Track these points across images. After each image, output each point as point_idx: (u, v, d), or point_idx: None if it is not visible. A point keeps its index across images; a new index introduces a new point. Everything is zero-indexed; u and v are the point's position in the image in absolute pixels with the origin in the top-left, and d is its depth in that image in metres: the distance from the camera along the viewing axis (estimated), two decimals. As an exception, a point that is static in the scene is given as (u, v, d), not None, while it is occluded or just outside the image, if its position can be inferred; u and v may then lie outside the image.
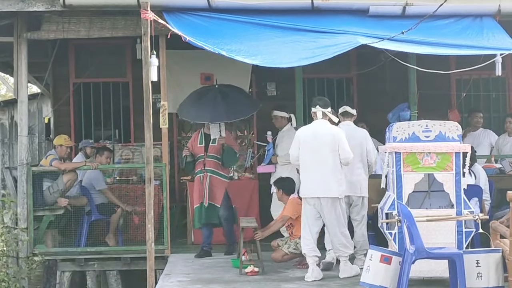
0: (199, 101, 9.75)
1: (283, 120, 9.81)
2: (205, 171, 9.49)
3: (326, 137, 7.93)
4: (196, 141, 9.67)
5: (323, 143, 7.90)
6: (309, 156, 7.94)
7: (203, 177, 9.50)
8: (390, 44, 8.53)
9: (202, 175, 9.51)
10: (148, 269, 7.58)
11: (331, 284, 7.74)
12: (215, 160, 9.54)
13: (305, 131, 8.12)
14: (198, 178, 9.56)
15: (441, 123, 7.46)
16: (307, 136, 8.02)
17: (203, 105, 9.66)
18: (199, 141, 9.63)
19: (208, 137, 9.59)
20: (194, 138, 9.73)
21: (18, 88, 9.59)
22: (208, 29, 8.79)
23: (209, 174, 9.49)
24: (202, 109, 9.64)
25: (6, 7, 9.07)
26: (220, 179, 9.55)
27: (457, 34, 9.01)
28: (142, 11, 7.58)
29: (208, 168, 9.50)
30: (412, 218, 6.75)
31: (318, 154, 7.90)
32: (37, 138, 14.61)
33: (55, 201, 9.88)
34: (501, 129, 11.10)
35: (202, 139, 9.62)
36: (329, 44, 8.57)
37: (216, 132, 9.55)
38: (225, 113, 9.59)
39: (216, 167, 9.53)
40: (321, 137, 7.94)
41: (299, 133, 8.16)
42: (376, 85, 11.79)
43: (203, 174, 9.50)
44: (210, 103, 9.62)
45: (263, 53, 8.41)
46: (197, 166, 9.60)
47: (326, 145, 7.90)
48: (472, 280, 6.90)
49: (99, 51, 11.80)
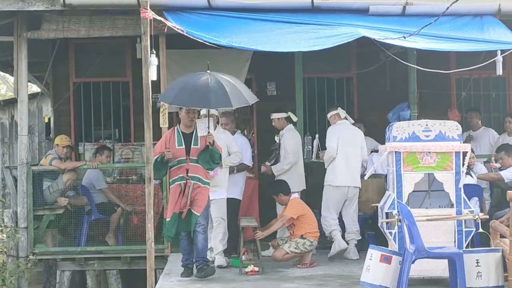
0: (193, 85, 7.94)
1: (282, 121, 9.71)
2: (188, 178, 8.03)
3: (358, 136, 9.45)
4: (172, 142, 8.12)
5: (356, 140, 9.34)
6: (346, 150, 9.21)
7: (184, 185, 8.02)
8: (391, 39, 8.54)
9: (183, 183, 8.02)
10: (148, 268, 7.58)
11: (331, 284, 7.74)
12: (198, 164, 8.08)
13: (341, 128, 9.32)
14: (178, 186, 8.03)
15: (441, 122, 7.46)
16: (345, 132, 9.29)
17: (199, 89, 7.89)
18: (177, 142, 8.10)
19: (188, 137, 8.13)
20: (169, 138, 8.16)
21: (18, 87, 9.59)
22: (208, 24, 8.79)
23: (193, 181, 8.01)
24: (199, 94, 7.86)
25: (6, 7, 9.07)
26: (205, 187, 8.11)
27: (458, 29, 9.00)
28: (142, 10, 7.58)
29: (192, 174, 8.03)
30: (412, 218, 6.75)
31: (352, 149, 9.26)
32: (37, 137, 14.61)
33: (55, 200, 9.88)
34: (501, 129, 11.10)
35: (181, 140, 8.10)
36: (330, 34, 8.63)
37: (204, 129, 8.07)
38: (226, 98, 7.82)
39: (201, 174, 8.07)
40: (356, 135, 9.40)
41: (335, 129, 9.32)
42: (376, 85, 11.78)
43: (185, 182, 8.02)
44: (205, 88, 7.85)
45: (264, 43, 8.48)
46: (176, 172, 8.09)
47: (358, 142, 9.36)
48: (472, 280, 6.90)
49: (99, 51, 11.80)
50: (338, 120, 9.44)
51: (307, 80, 11.53)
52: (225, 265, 8.66)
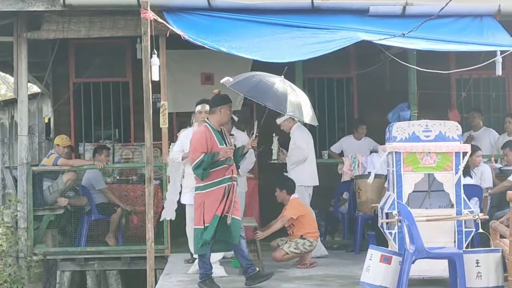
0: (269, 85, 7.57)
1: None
2: (235, 180, 7.57)
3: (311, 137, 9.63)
4: (214, 141, 7.52)
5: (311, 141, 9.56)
6: (312, 151, 9.44)
7: (230, 187, 7.49)
8: (390, 41, 8.54)
9: (228, 185, 7.49)
10: (148, 268, 7.58)
11: (331, 284, 7.74)
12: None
13: (303, 129, 9.48)
14: (223, 188, 7.45)
15: (441, 123, 7.45)
16: (306, 134, 9.49)
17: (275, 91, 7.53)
18: (219, 141, 7.54)
19: (225, 137, 7.68)
20: (209, 137, 7.53)
21: (18, 87, 9.59)
22: (208, 27, 8.79)
23: (235, 183, 7.60)
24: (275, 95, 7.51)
25: (6, 7, 9.08)
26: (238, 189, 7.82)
27: (457, 33, 9.02)
28: (142, 11, 7.58)
29: (235, 176, 7.62)
30: (412, 218, 6.75)
31: (313, 150, 9.52)
32: (37, 137, 14.60)
33: (55, 200, 9.89)
34: (501, 129, 11.10)
35: (221, 139, 7.59)
36: (329, 39, 8.62)
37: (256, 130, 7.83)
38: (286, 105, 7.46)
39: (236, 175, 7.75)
40: (310, 136, 9.59)
41: (300, 130, 9.39)
42: (376, 85, 11.78)
43: (230, 183, 7.50)
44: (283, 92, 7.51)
45: (263, 49, 8.44)
46: (221, 172, 7.50)
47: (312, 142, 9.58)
48: (472, 280, 6.90)
49: (99, 51, 11.81)
50: (294, 123, 9.33)
51: (307, 80, 11.54)
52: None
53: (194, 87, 11.03)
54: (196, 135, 7.63)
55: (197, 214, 7.49)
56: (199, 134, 7.57)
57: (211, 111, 7.68)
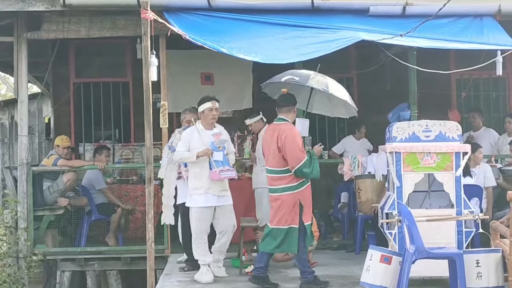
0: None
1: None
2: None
3: None
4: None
5: None
6: None
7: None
8: (390, 40, 8.55)
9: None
10: (148, 269, 7.58)
11: (331, 284, 7.73)
12: None
13: None
14: (310, 185, 7.54)
15: (441, 123, 7.46)
16: None
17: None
18: None
19: None
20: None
21: (18, 88, 9.59)
22: (208, 27, 8.80)
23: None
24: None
25: (6, 7, 9.08)
26: None
27: (457, 33, 9.03)
28: (142, 11, 7.59)
29: None
30: (412, 218, 6.75)
31: None
32: (37, 138, 14.61)
33: (55, 201, 9.89)
34: (501, 129, 11.10)
35: None
36: (330, 39, 8.62)
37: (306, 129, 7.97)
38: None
39: None
40: None
41: None
42: (376, 85, 11.78)
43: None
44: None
45: (264, 50, 8.43)
46: None
47: None
48: (472, 280, 6.90)
49: (99, 51, 11.81)
50: (263, 125, 9.21)
51: (307, 80, 11.52)
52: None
53: (194, 87, 11.03)
54: (293, 132, 7.42)
55: (287, 213, 7.33)
56: (295, 131, 7.46)
57: (288, 109, 7.59)
